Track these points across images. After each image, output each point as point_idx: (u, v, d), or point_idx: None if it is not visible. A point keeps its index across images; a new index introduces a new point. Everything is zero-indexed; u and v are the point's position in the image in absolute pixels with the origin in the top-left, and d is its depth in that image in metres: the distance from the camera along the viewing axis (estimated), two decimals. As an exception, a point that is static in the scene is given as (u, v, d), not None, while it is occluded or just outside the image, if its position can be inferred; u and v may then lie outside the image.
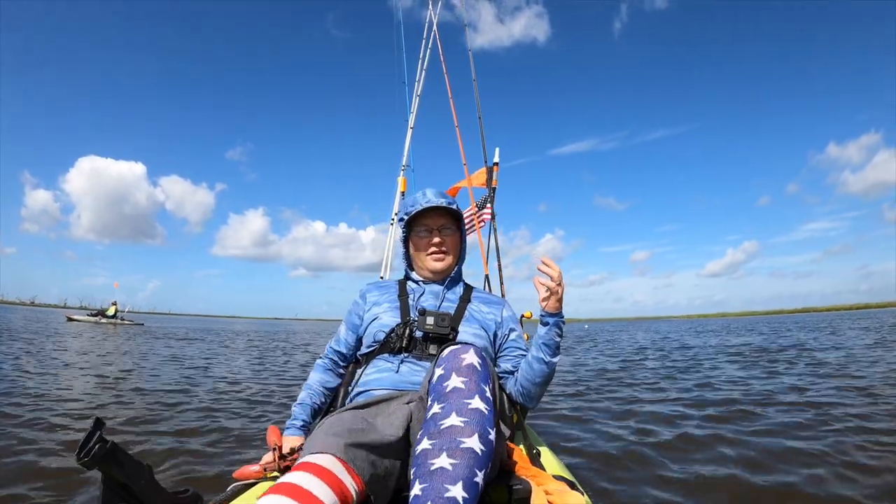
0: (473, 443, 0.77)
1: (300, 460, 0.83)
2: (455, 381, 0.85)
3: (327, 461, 0.81)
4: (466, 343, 0.97)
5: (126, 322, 24.43)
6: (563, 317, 1.25)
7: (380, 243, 3.19)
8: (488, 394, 0.85)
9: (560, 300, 1.23)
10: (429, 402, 0.86)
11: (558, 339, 1.25)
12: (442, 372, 0.88)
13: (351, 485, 0.81)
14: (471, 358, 0.89)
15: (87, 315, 25.60)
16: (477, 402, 0.82)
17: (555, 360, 1.26)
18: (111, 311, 24.79)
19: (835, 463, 2.41)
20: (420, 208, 1.36)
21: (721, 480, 2.23)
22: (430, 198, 1.38)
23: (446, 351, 0.93)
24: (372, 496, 0.84)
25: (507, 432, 1.04)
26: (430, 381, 0.90)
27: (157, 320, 51.44)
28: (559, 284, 1.22)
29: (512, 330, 1.41)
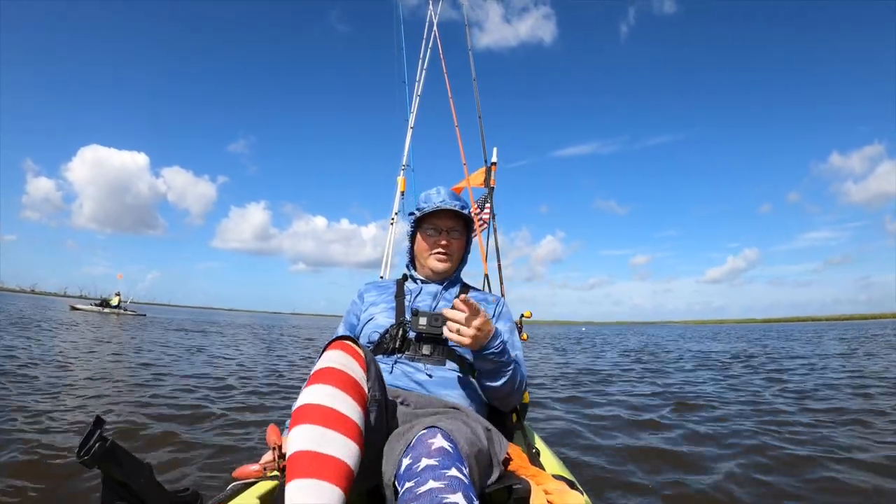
0: (458, 499, 0.68)
1: (316, 368, 0.85)
2: (426, 462, 0.75)
3: (339, 358, 0.82)
4: (434, 426, 0.84)
5: (129, 312, 25.43)
6: (488, 350, 1.10)
7: (381, 240, 3.19)
8: (465, 471, 0.76)
9: (473, 340, 1.07)
10: (399, 489, 0.76)
11: (489, 366, 1.14)
12: (409, 461, 0.78)
13: (362, 379, 0.83)
14: (440, 442, 0.80)
15: (92, 305, 26.49)
16: (455, 472, 0.73)
17: (497, 384, 1.16)
18: (115, 302, 25.84)
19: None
20: (434, 208, 1.34)
21: (702, 484, 2.24)
22: (444, 198, 1.36)
23: (413, 440, 0.83)
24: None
25: (504, 444, 1.04)
26: (396, 474, 0.80)
27: (158, 311, 51.65)
28: (462, 330, 1.07)
29: (497, 325, 1.33)
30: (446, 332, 1.10)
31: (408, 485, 0.74)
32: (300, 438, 0.73)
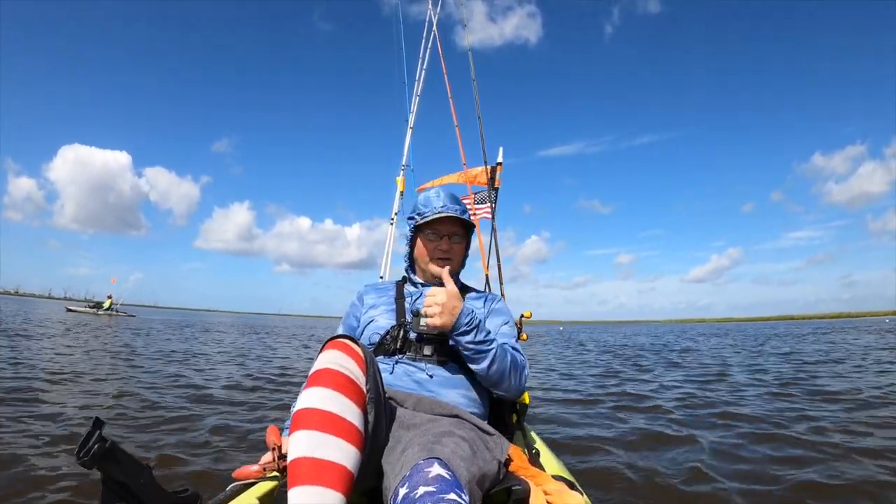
0: None
1: (313, 370, 0.85)
2: (424, 490, 0.72)
3: (337, 358, 0.83)
4: (431, 457, 0.81)
5: (120, 314, 27.26)
6: (456, 330, 1.14)
7: (365, 240, 3.20)
8: (465, 498, 0.73)
9: (440, 318, 1.13)
10: None
11: (466, 351, 1.15)
12: (406, 490, 0.75)
13: (360, 379, 0.83)
14: (437, 470, 0.77)
15: (86, 307, 28.10)
16: (454, 496, 0.70)
17: (482, 366, 1.15)
18: (107, 304, 27.42)
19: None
20: (436, 215, 1.33)
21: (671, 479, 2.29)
22: (445, 204, 1.35)
23: (410, 470, 0.79)
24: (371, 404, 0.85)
25: (505, 445, 1.05)
26: (393, 500, 0.77)
27: (145, 313, 51.24)
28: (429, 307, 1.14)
29: (489, 320, 1.35)
30: (424, 310, 1.17)
31: None
32: (299, 444, 0.74)
